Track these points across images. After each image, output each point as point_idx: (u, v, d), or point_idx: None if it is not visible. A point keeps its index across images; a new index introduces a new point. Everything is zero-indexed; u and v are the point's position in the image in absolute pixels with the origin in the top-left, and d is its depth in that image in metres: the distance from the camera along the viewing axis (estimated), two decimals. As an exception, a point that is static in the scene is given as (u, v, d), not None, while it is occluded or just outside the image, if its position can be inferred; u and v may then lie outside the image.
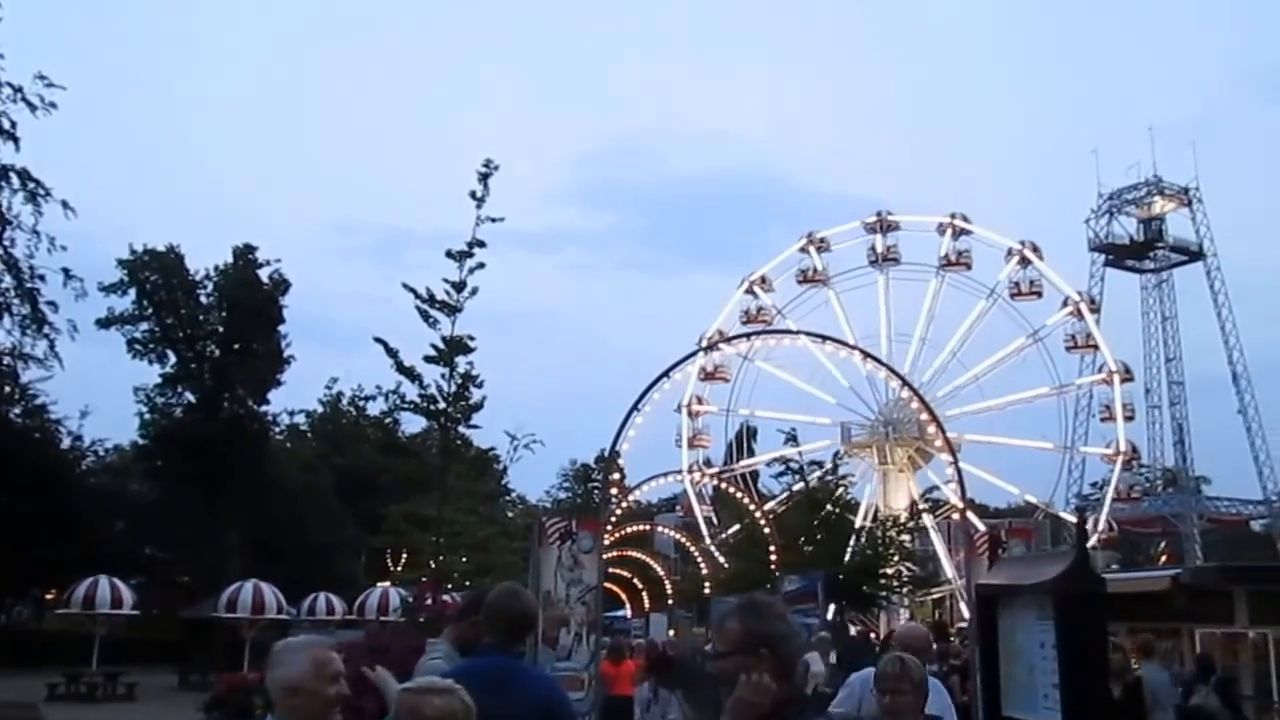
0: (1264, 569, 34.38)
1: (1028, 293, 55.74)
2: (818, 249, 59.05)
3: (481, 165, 15.35)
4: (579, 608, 16.83)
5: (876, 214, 58.65)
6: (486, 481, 53.04)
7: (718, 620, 3.62)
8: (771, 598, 3.71)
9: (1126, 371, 55.09)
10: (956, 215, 57.10)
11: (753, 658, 3.21)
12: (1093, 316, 55.15)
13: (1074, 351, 55.27)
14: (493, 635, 5.00)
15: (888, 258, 58.00)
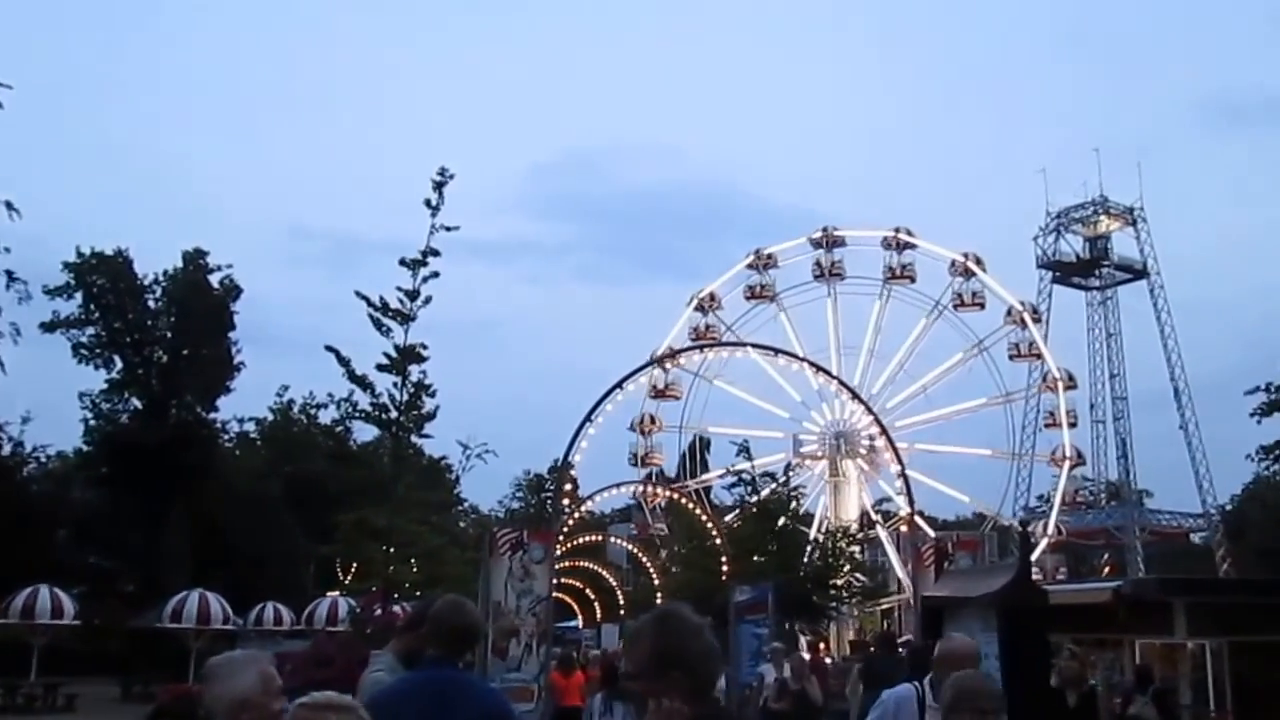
0: (1202, 581, 35.06)
1: (971, 304, 56.45)
2: (765, 265, 59.44)
3: (436, 174, 15.39)
4: (529, 618, 16.86)
5: (822, 229, 59.17)
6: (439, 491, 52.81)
7: (630, 636, 3.21)
8: (688, 611, 3.28)
9: (1070, 379, 55.92)
10: (900, 229, 57.77)
11: (663, 681, 2.98)
12: (1035, 326, 55.94)
13: (1017, 360, 55.97)
14: (436, 647, 5.02)
15: (833, 273, 58.55)
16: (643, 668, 3.03)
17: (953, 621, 7.58)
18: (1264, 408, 21.70)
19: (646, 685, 3.01)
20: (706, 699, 3.08)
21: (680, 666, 2.98)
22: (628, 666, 3.18)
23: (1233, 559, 52.04)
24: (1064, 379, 55.31)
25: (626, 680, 3.24)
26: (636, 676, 3.06)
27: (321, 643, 15.64)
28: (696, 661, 3.02)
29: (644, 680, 3.01)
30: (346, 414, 52.05)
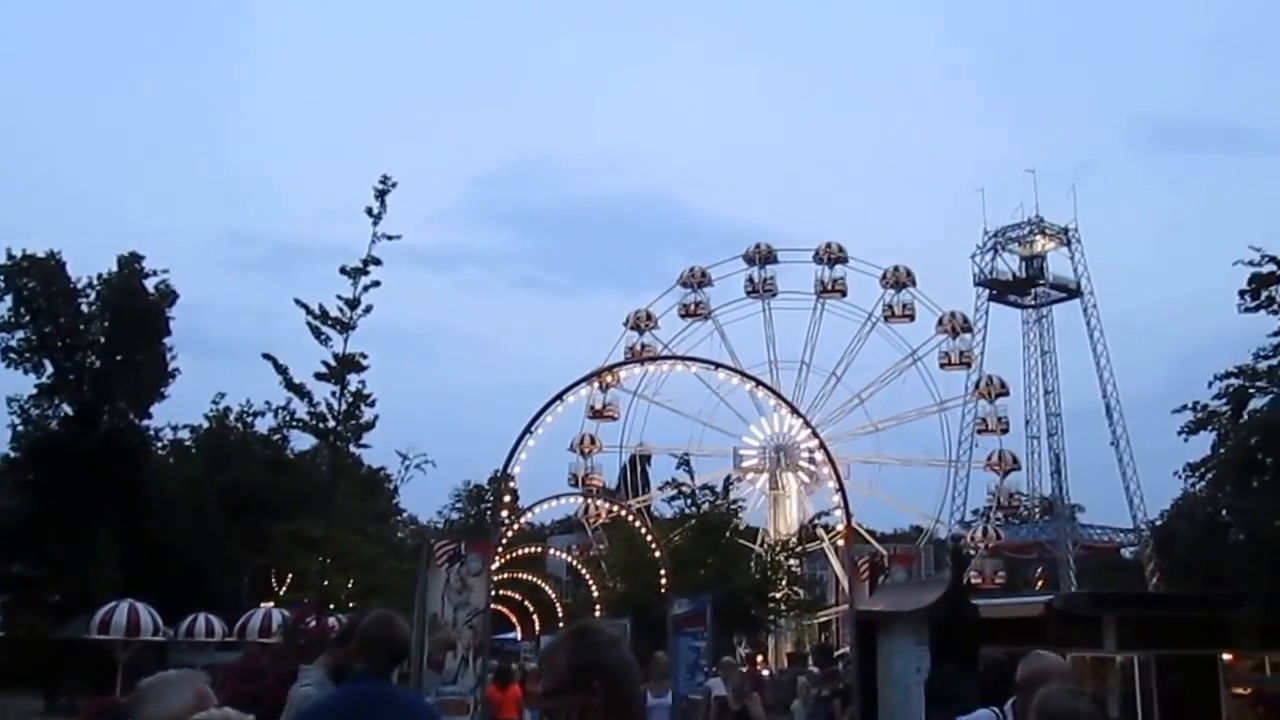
0: (1131, 595, 35.69)
1: (901, 315, 57.36)
2: (699, 283, 59.76)
3: (378, 182, 15.29)
4: (466, 631, 16.69)
5: (755, 246, 59.71)
6: (377, 501, 52.30)
7: (544, 654, 3.24)
8: (602, 625, 3.28)
9: (1002, 386, 56.87)
10: (832, 244, 58.51)
11: (584, 693, 2.93)
12: (966, 335, 56.79)
13: (948, 369, 56.86)
14: (364, 662, 4.96)
15: (766, 289, 59.04)
16: (563, 682, 2.97)
17: (886, 635, 7.65)
18: (1190, 426, 22.11)
19: (568, 699, 2.94)
20: (629, 709, 3.04)
21: (600, 676, 2.93)
22: (546, 684, 3.06)
23: (1162, 573, 53.02)
24: (996, 386, 56.23)
25: (547, 698, 3.03)
26: (557, 693, 2.99)
27: (251, 655, 15.39)
28: (615, 672, 2.97)
29: (565, 694, 2.95)
30: (284, 423, 51.37)
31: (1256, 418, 21.40)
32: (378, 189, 14.98)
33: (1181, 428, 22.24)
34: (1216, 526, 25.32)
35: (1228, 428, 21.82)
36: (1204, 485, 24.33)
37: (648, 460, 59.89)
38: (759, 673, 28.43)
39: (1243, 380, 21.57)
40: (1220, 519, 25.38)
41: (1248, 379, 21.53)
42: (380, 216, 14.90)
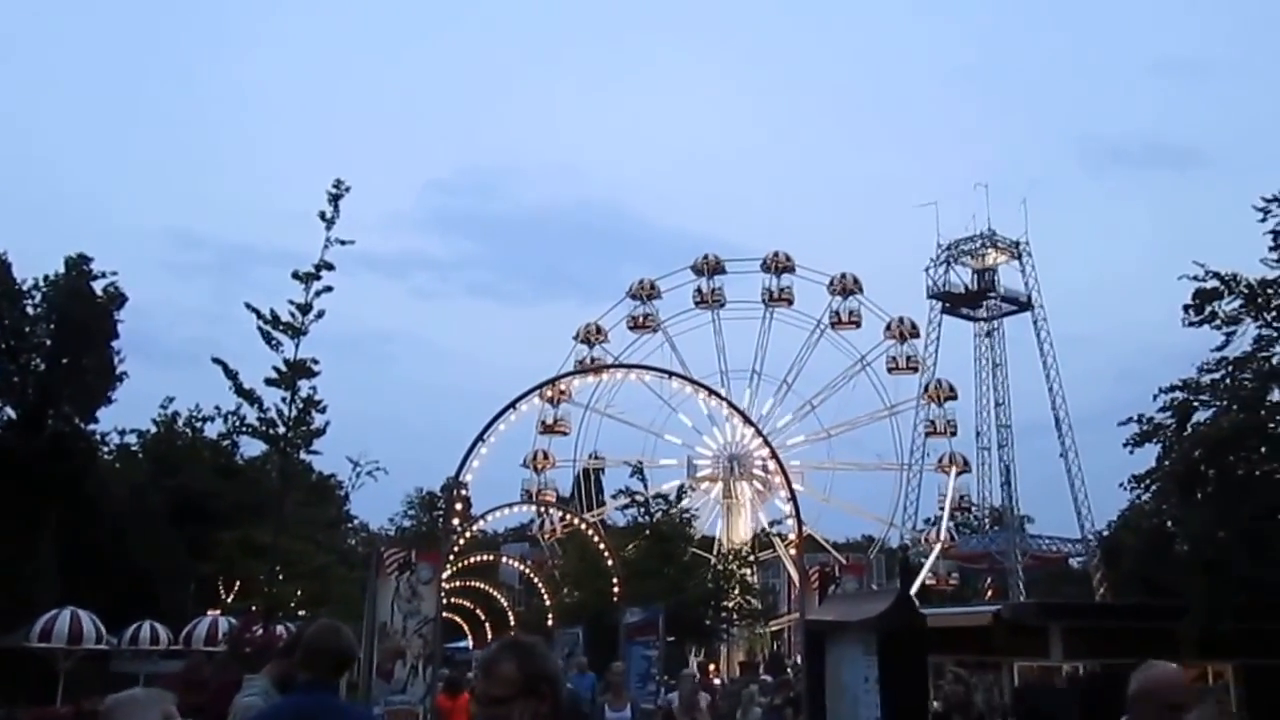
0: (1078, 606, 36.14)
1: (848, 322, 57.85)
2: (648, 295, 59.81)
3: (332, 186, 15.15)
4: (416, 640, 16.58)
5: (703, 257, 59.93)
6: (327, 508, 51.77)
7: (486, 663, 3.35)
8: (535, 638, 3.53)
9: (950, 389, 57.43)
10: (780, 253, 58.82)
11: (535, 699, 3.12)
12: (914, 340, 57.29)
13: (896, 373, 57.32)
14: (309, 672, 4.91)
15: (714, 299, 59.22)
16: (515, 689, 3.11)
17: (835, 646, 7.67)
18: (1136, 439, 22.41)
19: (521, 704, 3.10)
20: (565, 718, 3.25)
21: (548, 684, 3.15)
22: (496, 691, 3.17)
23: (1109, 584, 53.75)
24: (945, 389, 56.79)
25: (495, 705, 3.13)
26: (509, 700, 3.12)
27: (194, 665, 15.14)
28: (558, 681, 3.20)
29: (518, 700, 3.10)
30: (233, 428, 50.68)
31: (1200, 431, 21.73)
32: (331, 193, 14.87)
33: (1127, 440, 22.53)
34: (1162, 538, 25.69)
35: (1172, 441, 22.13)
36: (1149, 497, 24.67)
37: (601, 473, 59.85)
38: (711, 682, 28.44)
39: (1187, 394, 21.88)
40: (1166, 530, 25.74)
41: (1192, 393, 21.84)
42: (333, 221, 14.79)
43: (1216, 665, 22.98)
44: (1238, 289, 20.92)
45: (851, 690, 6.97)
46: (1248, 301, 20.89)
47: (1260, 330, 21.02)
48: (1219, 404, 21.54)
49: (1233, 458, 21.43)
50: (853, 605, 8.11)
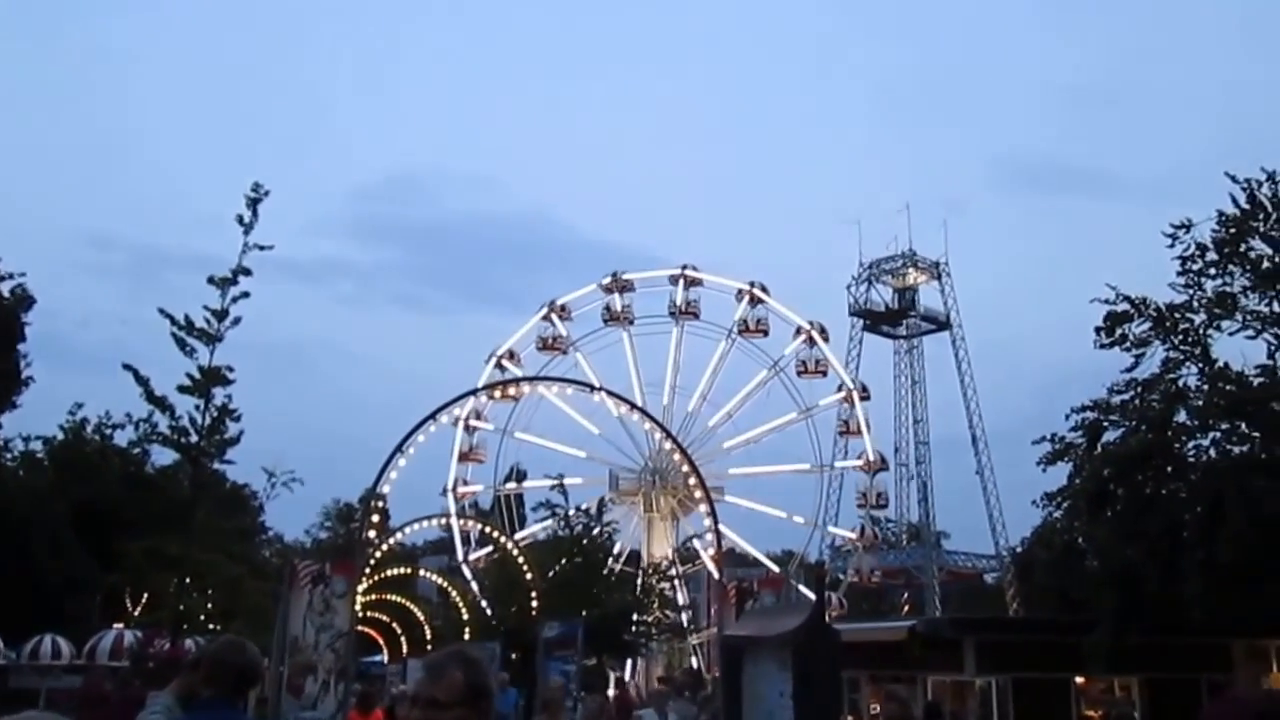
0: (990, 620, 36.78)
1: (755, 330, 58.10)
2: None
3: (250, 190, 14.83)
4: (328, 654, 16.25)
5: (611, 275, 59.91)
6: (241, 519, 50.72)
7: (434, 667, 3.41)
8: (482, 652, 3.75)
9: (864, 390, 57.97)
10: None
11: (475, 712, 3.21)
12: (825, 344, 57.70)
13: (805, 376, 57.63)
14: (212, 689, 4.81)
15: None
16: (459, 697, 3.20)
17: (751, 660, 7.68)
18: (1048, 457, 22.90)
19: (460, 712, 3.18)
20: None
21: (488, 699, 3.27)
22: (440, 695, 3.25)
23: (1022, 598, 54.81)
24: (858, 390, 57.36)
25: (436, 709, 3.21)
26: (450, 706, 3.20)
27: (94, 681, 14.70)
28: (492, 695, 3.32)
29: (459, 709, 3.18)
30: (144, 436, 49.50)
31: (1109, 450, 22.24)
32: (250, 197, 14.55)
33: (1040, 459, 22.98)
34: (1073, 554, 26.24)
35: (1083, 459, 22.61)
36: (1061, 514, 25.19)
37: (520, 500, 59.41)
38: (629, 696, 28.35)
39: (1097, 414, 22.38)
40: (1076, 546, 26.30)
41: (1102, 413, 22.35)
42: (252, 226, 14.47)
43: (1123, 679, 23.53)
44: (1147, 312, 21.48)
45: (766, 705, 6.98)
46: (1156, 324, 21.46)
47: (1168, 353, 21.61)
48: (1128, 424, 22.06)
49: (1140, 476, 21.97)
50: (769, 620, 8.14)
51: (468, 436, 56.71)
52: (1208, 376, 21.28)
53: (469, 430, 56.20)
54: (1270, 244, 20.47)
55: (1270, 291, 20.40)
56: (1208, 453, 22.09)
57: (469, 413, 53.51)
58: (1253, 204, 20.53)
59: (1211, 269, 20.95)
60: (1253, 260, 20.52)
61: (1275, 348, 20.66)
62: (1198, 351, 21.29)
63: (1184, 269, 21.25)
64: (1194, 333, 21.27)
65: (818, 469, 57.75)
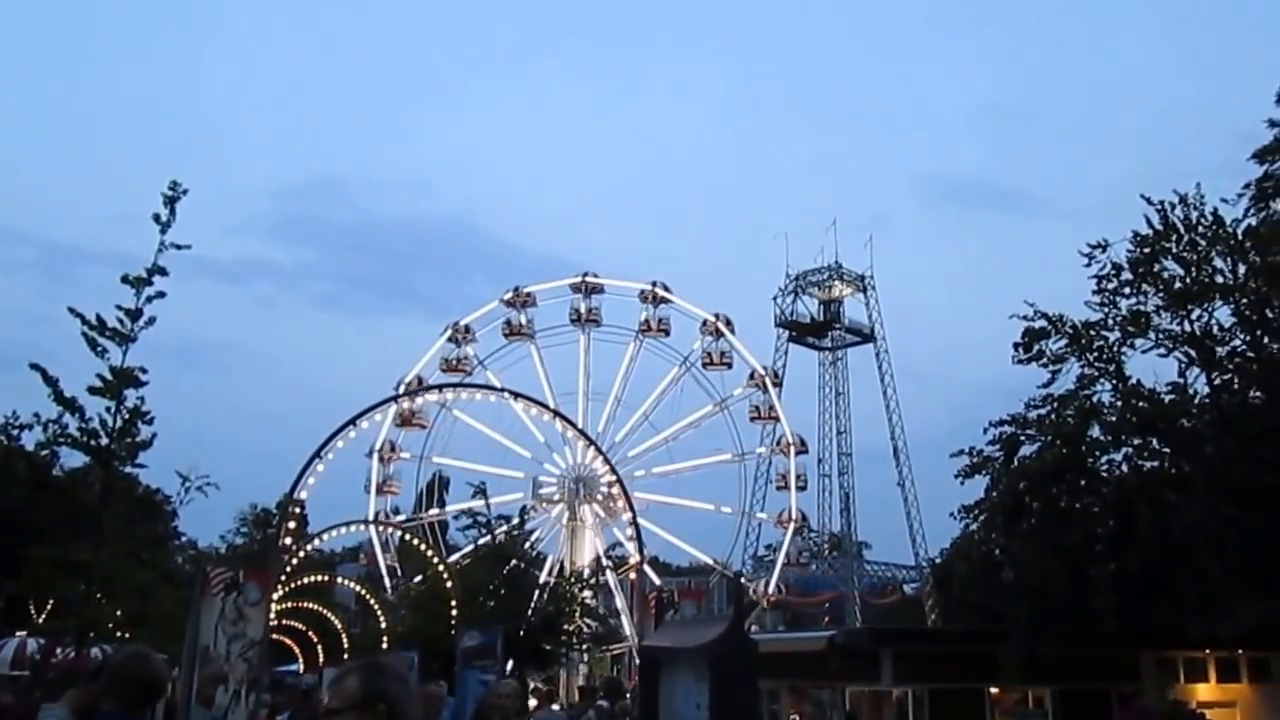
0: (907, 631, 37.23)
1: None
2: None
3: (168, 188, 14.40)
4: (240, 664, 15.89)
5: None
6: (153, 525, 49.46)
7: (335, 678, 3.46)
8: (394, 660, 3.75)
9: (802, 444, 58.54)
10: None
11: (369, 713, 3.25)
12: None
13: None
14: (114, 701, 4.65)
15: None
16: (351, 701, 3.27)
17: (669, 671, 7.64)
18: (967, 470, 23.27)
19: (354, 715, 3.26)
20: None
21: (385, 701, 3.27)
22: (333, 703, 3.36)
23: (940, 609, 55.62)
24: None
25: (333, 715, 3.31)
26: (342, 711, 3.28)
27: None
28: (397, 701, 3.30)
29: (351, 712, 3.25)
30: (53, 438, 48.01)
31: (1025, 464, 22.64)
32: (167, 195, 14.07)
33: (958, 471, 23.31)
34: (989, 565, 26.66)
35: (1000, 473, 22.98)
36: (978, 526, 25.58)
37: (446, 485, 58.88)
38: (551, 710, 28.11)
39: (1014, 428, 22.78)
40: (993, 558, 26.73)
41: (1019, 427, 22.76)
42: (169, 224, 14.02)
43: (1036, 689, 23.91)
44: (1064, 329, 21.92)
45: (683, 716, 6.93)
46: (1072, 342, 21.91)
47: (1083, 369, 22.09)
48: (1044, 439, 22.48)
49: (1055, 490, 22.40)
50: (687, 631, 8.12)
51: (383, 468, 56.18)
52: (1121, 393, 21.77)
53: (384, 461, 55.72)
54: (1182, 265, 21.02)
55: (1181, 311, 20.94)
56: (1120, 468, 22.60)
57: (383, 444, 53.33)
58: (1166, 225, 21.08)
59: (1126, 288, 21.45)
60: (1165, 280, 21.05)
61: (1185, 366, 21.22)
62: (1111, 368, 21.77)
63: (1100, 288, 21.74)
64: (1108, 350, 21.75)
65: (738, 457, 58.17)
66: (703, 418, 58.48)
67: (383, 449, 55.93)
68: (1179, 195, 21.23)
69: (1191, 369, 21.22)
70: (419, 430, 57.32)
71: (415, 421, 56.81)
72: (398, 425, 56.35)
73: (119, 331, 14.63)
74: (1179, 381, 21.35)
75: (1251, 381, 21.38)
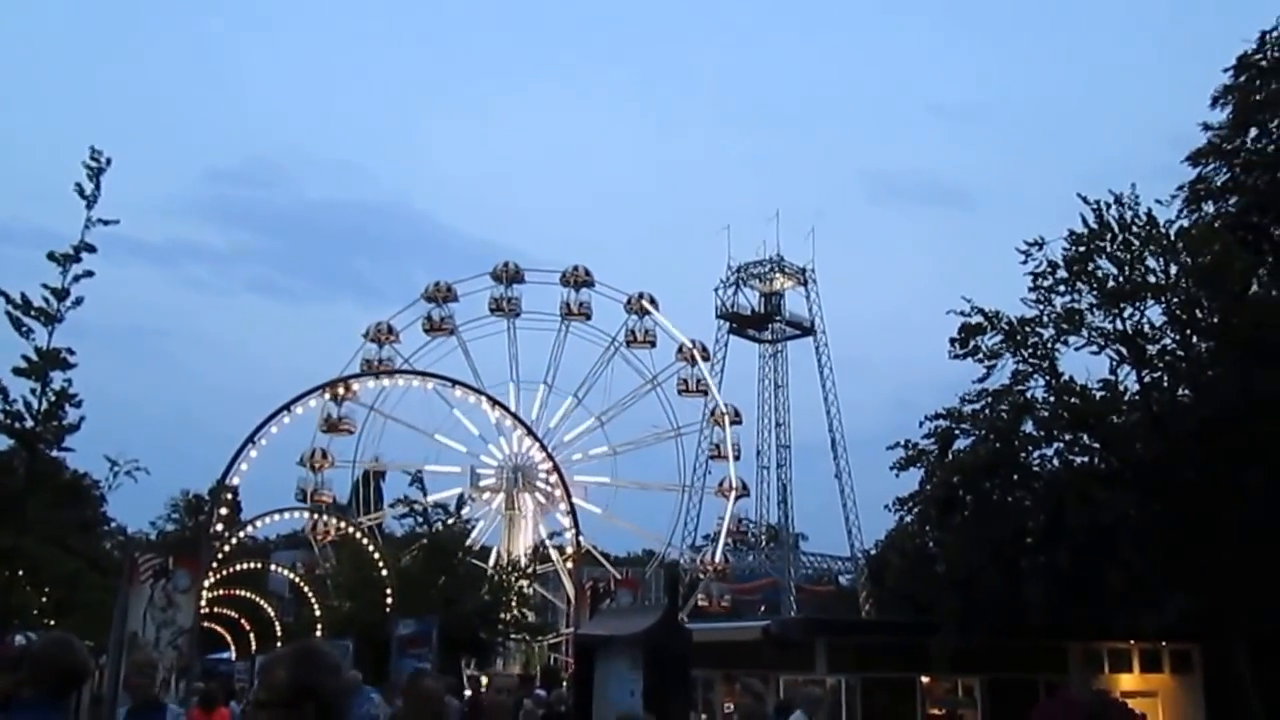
0: (841, 622, 37.63)
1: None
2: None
3: (90, 159, 13.90)
4: (170, 651, 15.68)
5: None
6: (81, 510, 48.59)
7: (264, 667, 3.30)
8: (326, 648, 3.45)
9: (735, 414, 58.64)
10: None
11: (297, 711, 3.05)
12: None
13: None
14: (36, 689, 4.54)
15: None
16: (278, 697, 3.06)
17: (603, 659, 7.64)
18: (902, 463, 23.50)
19: (281, 713, 3.06)
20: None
21: (315, 698, 3.05)
22: (260, 695, 3.19)
23: (874, 600, 56.23)
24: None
25: (260, 710, 3.12)
26: (269, 705, 3.09)
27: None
28: (329, 696, 3.10)
29: (279, 709, 3.05)
30: (-24, 421, 46.83)
31: (959, 458, 22.93)
32: (90, 166, 13.56)
33: (894, 464, 23.53)
34: (923, 557, 27.01)
35: (934, 466, 23.25)
36: (912, 519, 25.87)
37: (381, 477, 58.23)
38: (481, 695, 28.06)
39: (949, 422, 23.04)
40: (926, 551, 27.09)
41: (954, 421, 23.02)
42: (95, 199, 13.58)
43: (966, 679, 24.29)
44: (999, 325, 22.18)
45: (616, 704, 6.94)
46: (1007, 338, 22.17)
47: (1018, 365, 22.36)
48: (978, 433, 22.77)
49: (988, 484, 22.72)
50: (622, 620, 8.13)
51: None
52: (1054, 389, 22.09)
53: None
54: (1115, 264, 21.34)
55: (1114, 309, 21.27)
56: (1051, 463, 22.97)
57: (312, 452, 52.43)
58: (1101, 225, 21.39)
59: (1061, 286, 21.72)
60: (1099, 279, 21.36)
61: (1117, 363, 21.58)
62: (1045, 365, 22.07)
63: (1035, 285, 22.00)
64: (1042, 347, 22.04)
65: (679, 488, 58.25)
66: (635, 397, 58.36)
67: (313, 456, 54.99)
68: (1114, 195, 21.57)
69: (1122, 367, 21.59)
70: (350, 434, 56.55)
71: (343, 427, 56.00)
72: (325, 430, 55.55)
73: (45, 311, 14.29)
74: (1110, 379, 21.72)
75: (1180, 380, 21.80)
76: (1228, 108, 26.73)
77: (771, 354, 67.33)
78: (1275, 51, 25.87)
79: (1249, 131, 26.60)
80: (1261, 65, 25.99)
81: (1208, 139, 27.13)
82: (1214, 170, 27.17)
